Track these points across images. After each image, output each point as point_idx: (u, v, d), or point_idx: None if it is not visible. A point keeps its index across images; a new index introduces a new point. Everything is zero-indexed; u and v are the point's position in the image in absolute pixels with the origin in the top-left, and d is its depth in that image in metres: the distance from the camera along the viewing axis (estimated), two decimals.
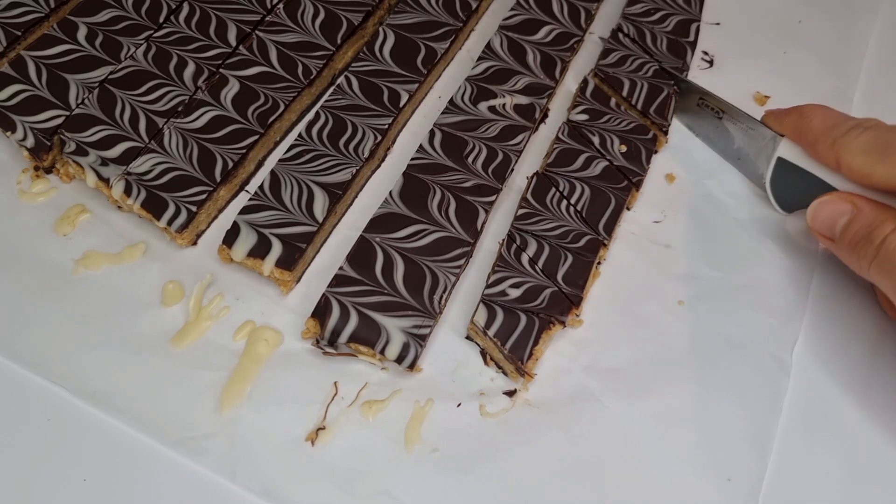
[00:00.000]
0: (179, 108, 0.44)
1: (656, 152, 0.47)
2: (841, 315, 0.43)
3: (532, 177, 0.44)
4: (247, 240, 0.40)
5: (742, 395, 0.39)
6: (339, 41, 0.48)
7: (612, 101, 0.47)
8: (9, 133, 0.43)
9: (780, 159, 0.41)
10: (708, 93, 0.47)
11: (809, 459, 0.38)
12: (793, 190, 0.42)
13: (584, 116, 0.46)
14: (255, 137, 0.44)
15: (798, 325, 0.42)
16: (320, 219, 0.41)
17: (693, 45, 0.52)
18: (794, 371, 0.40)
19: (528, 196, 0.43)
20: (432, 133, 0.45)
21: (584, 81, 0.48)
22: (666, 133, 0.47)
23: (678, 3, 0.54)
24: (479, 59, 0.49)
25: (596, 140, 0.45)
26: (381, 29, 0.49)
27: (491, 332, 0.38)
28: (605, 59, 0.49)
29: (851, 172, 0.37)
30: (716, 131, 0.47)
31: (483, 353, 0.40)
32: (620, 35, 0.51)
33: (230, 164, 0.42)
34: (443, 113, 0.46)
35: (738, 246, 0.45)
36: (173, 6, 0.49)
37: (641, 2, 0.53)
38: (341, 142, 0.44)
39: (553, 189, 0.43)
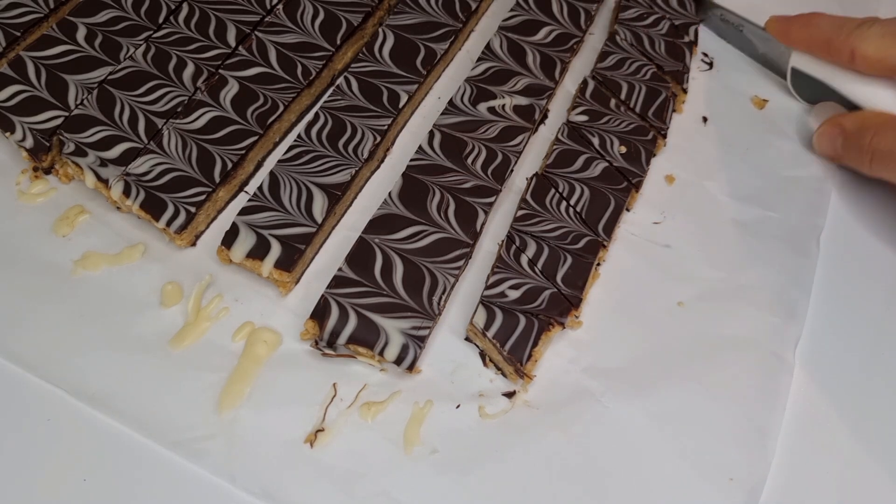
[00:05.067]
0: (179, 109, 0.44)
1: (655, 155, 0.47)
2: (843, 313, 0.43)
3: (531, 178, 0.44)
4: (246, 241, 0.40)
5: (744, 394, 0.39)
6: (338, 42, 0.48)
7: (612, 102, 0.47)
8: (8, 134, 0.43)
9: (793, 69, 0.49)
10: (726, 10, 0.54)
11: (811, 459, 0.38)
12: (809, 89, 0.49)
13: (584, 117, 0.46)
14: (255, 138, 0.44)
15: (800, 323, 0.42)
16: (319, 220, 0.41)
17: (690, 46, 0.52)
18: (797, 370, 0.40)
19: (528, 197, 0.43)
20: (432, 134, 0.45)
21: (584, 82, 0.48)
22: (665, 136, 0.47)
23: (671, 7, 0.53)
24: (479, 59, 0.49)
25: (595, 141, 0.45)
26: (380, 30, 0.49)
27: (490, 334, 0.38)
28: (602, 62, 0.49)
29: (867, 61, 0.42)
30: (740, 40, 0.54)
31: (482, 355, 0.40)
32: (618, 38, 0.51)
33: (229, 165, 0.42)
34: (442, 114, 0.46)
35: (738, 246, 0.45)
36: (173, 7, 0.49)
37: (634, 7, 0.53)
38: (340, 143, 0.44)
39: (552, 190, 0.43)
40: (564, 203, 0.43)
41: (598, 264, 0.43)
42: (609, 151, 0.45)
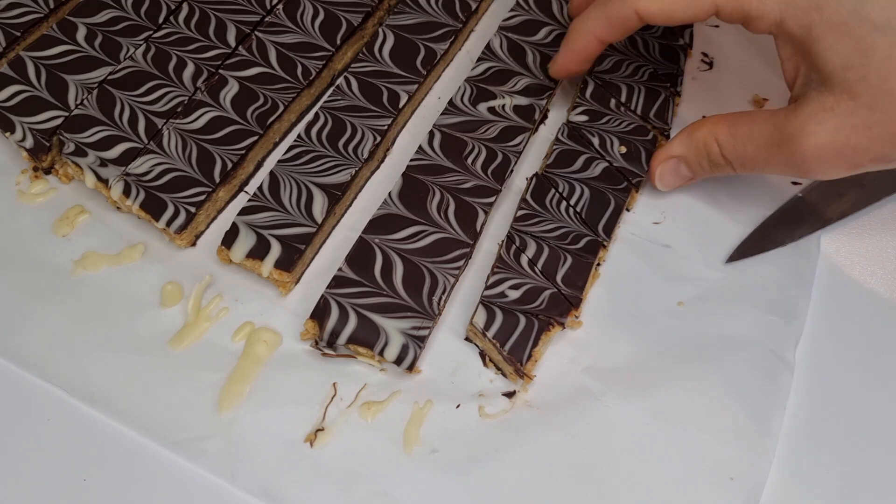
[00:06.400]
0: (179, 109, 0.44)
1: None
2: (844, 313, 0.43)
3: (531, 178, 0.44)
4: (246, 241, 0.40)
5: (744, 393, 0.39)
6: (338, 42, 0.48)
7: (612, 102, 0.47)
8: (8, 134, 0.43)
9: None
10: None
11: (812, 458, 0.38)
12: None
13: (584, 118, 0.46)
14: (255, 138, 0.44)
15: (801, 323, 0.42)
16: (319, 220, 0.41)
17: (685, 48, 0.51)
18: (797, 369, 0.40)
19: (528, 197, 0.43)
20: (432, 134, 0.45)
21: (584, 82, 0.48)
22: (668, 137, 0.47)
23: None
24: (479, 59, 0.49)
25: (595, 141, 0.45)
26: (380, 30, 0.49)
27: (490, 334, 0.38)
28: (599, 64, 0.49)
29: (651, 17, 0.39)
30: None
31: (482, 355, 0.40)
32: None
33: (229, 165, 0.42)
34: (442, 114, 0.46)
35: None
36: (172, 7, 0.49)
37: None
38: (340, 143, 0.44)
39: (552, 190, 0.43)
40: (564, 203, 0.43)
41: (598, 264, 0.43)
42: (609, 151, 0.45)
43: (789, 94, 0.39)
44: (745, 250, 0.44)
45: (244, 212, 0.41)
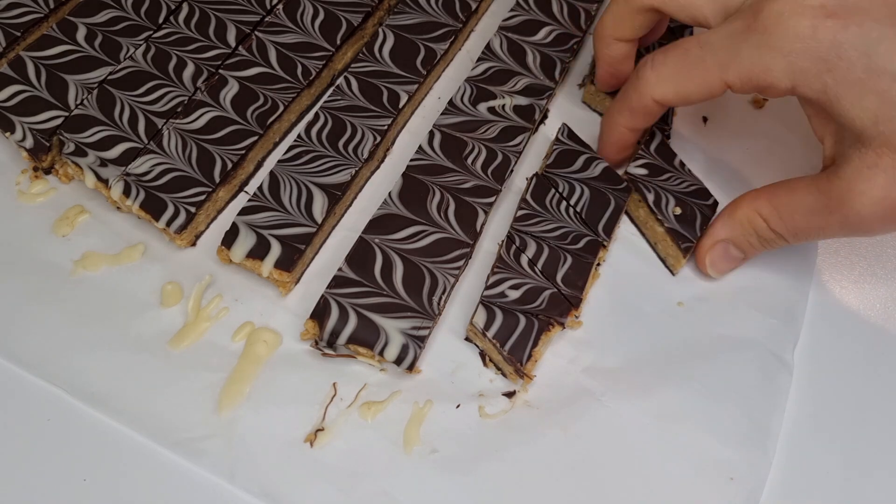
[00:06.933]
0: (179, 109, 0.44)
1: None
2: (843, 313, 0.43)
3: (531, 178, 0.44)
4: (246, 241, 0.40)
5: (744, 394, 0.39)
6: (338, 42, 0.48)
7: (676, 160, 0.46)
8: (7, 134, 0.43)
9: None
10: None
11: (811, 459, 0.38)
12: None
13: (644, 171, 0.44)
14: (255, 138, 0.44)
15: (799, 323, 0.42)
16: (319, 220, 0.41)
17: None
18: (797, 370, 0.40)
19: (528, 197, 0.43)
20: (431, 134, 0.45)
21: (651, 134, 0.46)
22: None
23: None
24: (479, 59, 0.49)
25: (650, 197, 0.43)
26: (380, 29, 0.49)
27: (490, 334, 0.38)
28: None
29: (669, 102, 0.39)
30: None
31: (482, 355, 0.40)
32: None
33: (229, 165, 0.42)
34: (442, 114, 0.46)
35: None
36: (172, 7, 0.49)
37: None
38: (340, 143, 0.44)
39: (552, 190, 0.43)
40: (564, 203, 0.43)
41: (598, 264, 0.43)
42: (663, 211, 0.43)
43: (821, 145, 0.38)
44: None
45: (244, 212, 0.41)
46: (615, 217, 0.43)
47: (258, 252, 0.39)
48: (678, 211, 0.43)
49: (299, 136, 0.44)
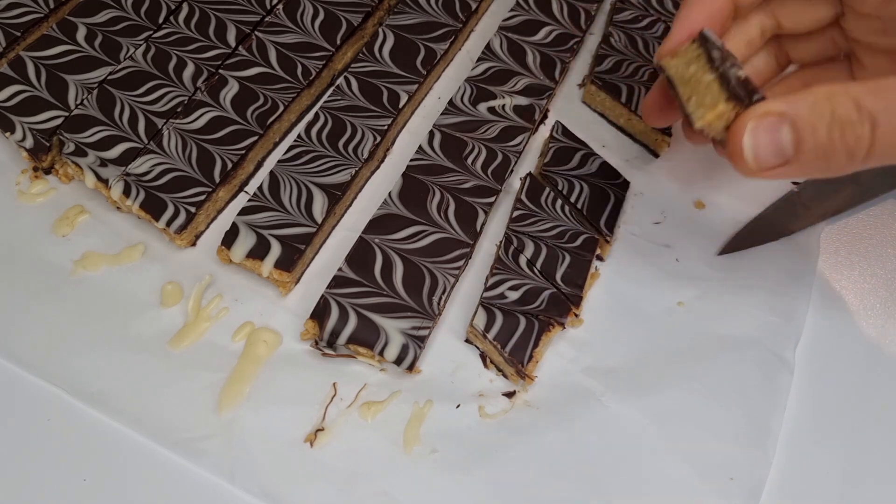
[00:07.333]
0: (179, 109, 0.44)
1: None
2: (843, 313, 0.43)
3: (525, 178, 0.44)
4: (246, 241, 0.40)
5: (744, 394, 0.39)
6: (338, 42, 0.48)
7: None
8: (8, 134, 0.43)
9: None
10: None
11: (812, 458, 0.38)
12: None
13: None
14: (255, 138, 0.44)
15: (800, 323, 0.42)
16: (319, 220, 0.41)
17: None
18: (797, 370, 0.40)
19: (523, 197, 0.43)
20: (432, 134, 0.45)
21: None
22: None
23: (666, 9, 0.53)
24: (479, 59, 0.49)
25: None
26: (380, 30, 0.49)
27: (490, 336, 0.38)
28: (599, 65, 0.49)
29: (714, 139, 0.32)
30: None
31: (483, 356, 0.40)
32: (612, 40, 0.50)
33: (229, 165, 0.42)
34: (442, 114, 0.46)
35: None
36: (172, 7, 0.49)
37: (629, 9, 0.53)
38: (340, 143, 0.44)
39: (547, 189, 0.43)
40: (560, 201, 0.43)
41: (602, 259, 0.43)
42: None
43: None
44: (737, 243, 0.44)
45: (244, 212, 0.41)
46: (616, 212, 0.43)
47: (258, 252, 0.39)
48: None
49: (299, 136, 0.44)
